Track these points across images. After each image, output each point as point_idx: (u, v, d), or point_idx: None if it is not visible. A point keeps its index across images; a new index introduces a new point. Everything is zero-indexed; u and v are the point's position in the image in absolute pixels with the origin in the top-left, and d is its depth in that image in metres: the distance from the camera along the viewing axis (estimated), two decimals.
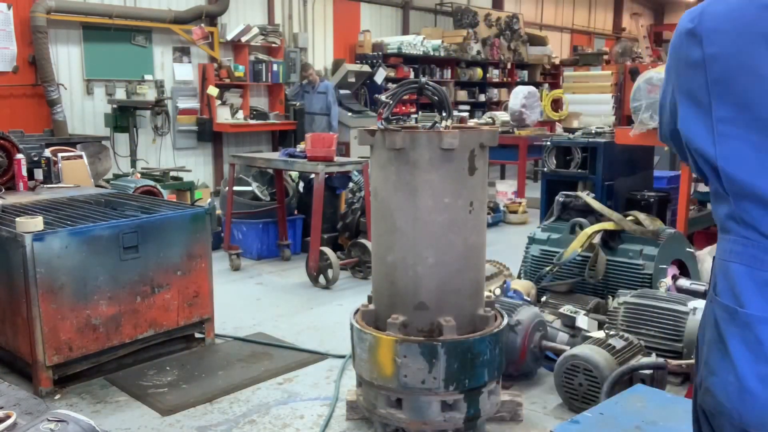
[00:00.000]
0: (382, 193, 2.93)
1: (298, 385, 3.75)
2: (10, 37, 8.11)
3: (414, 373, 2.80)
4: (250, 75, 10.74)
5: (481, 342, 2.85)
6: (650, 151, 5.73)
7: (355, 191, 6.52)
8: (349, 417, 3.33)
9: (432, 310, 2.86)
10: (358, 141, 3.01)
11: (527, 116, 8.48)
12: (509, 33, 15.98)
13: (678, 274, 4.37)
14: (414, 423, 2.89)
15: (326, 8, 12.44)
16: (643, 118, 4.61)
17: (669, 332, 3.67)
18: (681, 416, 2.20)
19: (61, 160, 4.97)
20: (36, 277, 3.39)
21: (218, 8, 10.20)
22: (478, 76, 14.94)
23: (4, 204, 3.99)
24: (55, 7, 8.26)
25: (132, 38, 9.36)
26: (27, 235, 3.37)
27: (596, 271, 4.29)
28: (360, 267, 5.90)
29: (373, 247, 3.07)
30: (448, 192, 2.81)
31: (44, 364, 3.48)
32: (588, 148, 5.18)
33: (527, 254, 4.72)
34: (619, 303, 3.88)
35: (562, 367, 3.37)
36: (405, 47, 12.96)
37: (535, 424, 3.28)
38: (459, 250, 2.86)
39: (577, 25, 21.03)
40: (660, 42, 22.02)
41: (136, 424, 3.26)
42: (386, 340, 2.84)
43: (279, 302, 5.25)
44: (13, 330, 3.63)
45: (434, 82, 3.55)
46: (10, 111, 8.10)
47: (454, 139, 2.74)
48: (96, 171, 7.09)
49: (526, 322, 3.60)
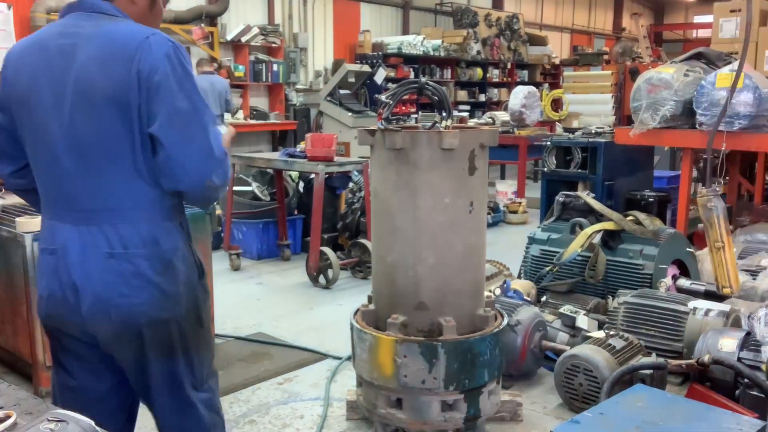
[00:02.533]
0: (382, 193, 2.93)
1: (298, 385, 3.75)
2: (10, 37, 8.11)
3: (414, 373, 2.80)
4: (250, 75, 10.75)
5: (481, 342, 2.85)
6: (650, 151, 5.73)
7: (355, 191, 6.52)
8: (349, 417, 3.33)
9: (432, 310, 2.86)
10: (358, 141, 3.00)
11: (527, 116, 8.48)
12: (509, 33, 15.99)
13: (678, 274, 4.37)
14: (414, 423, 2.89)
15: (326, 8, 12.45)
16: (643, 118, 4.61)
17: (669, 332, 3.67)
18: (681, 416, 2.20)
19: None
20: (36, 277, 3.38)
21: (218, 8, 10.21)
22: (478, 76, 14.95)
23: (4, 204, 3.98)
24: (55, 7, 8.26)
25: None
26: (27, 235, 3.37)
27: (596, 271, 4.29)
28: (360, 267, 5.90)
29: (373, 247, 3.07)
30: (448, 192, 2.81)
31: (44, 364, 3.48)
32: (588, 148, 5.18)
33: (527, 254, 4.72)
34: (619, 303, 3.88)
35: (562, 367, 3.37)
36: (405, 47, 12.97)
37: (535, 424, 3.28)
38: (459, 250, 2.86)
39: (577, 25, 21.03)
40: (660, 42, 22.03)
41: (135, 423, 3.26)
42: (386, 340, 2.84)
43: (279, 302, 5.25)
44: (13, 330, 3.64)
45: (434, 82, 3.54)
46: None
47: (454, 139, 2.74)
48: None
49: (526, 322, 3.60)
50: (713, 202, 3.89)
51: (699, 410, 2.27)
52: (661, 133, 4.71)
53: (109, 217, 1.82)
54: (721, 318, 3.60)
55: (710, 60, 5.04)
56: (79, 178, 1.81)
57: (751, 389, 2.98)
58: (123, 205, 1.82)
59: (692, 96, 4.53)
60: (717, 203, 3.90)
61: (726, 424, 2.14)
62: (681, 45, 22.03)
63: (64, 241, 1.84)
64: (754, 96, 4.24)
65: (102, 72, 1.74)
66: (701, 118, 4.47)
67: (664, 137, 4.87)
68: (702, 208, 3.92)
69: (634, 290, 4.00)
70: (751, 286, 4.21)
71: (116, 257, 1.81)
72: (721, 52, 5.22)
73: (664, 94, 4.53)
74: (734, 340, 3.25)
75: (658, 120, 4.57)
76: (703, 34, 22.34)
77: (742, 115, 4.28)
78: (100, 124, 1.77)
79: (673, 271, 4.32)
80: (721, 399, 3.00)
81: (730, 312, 3.64)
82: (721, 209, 3.90)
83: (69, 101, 1.77)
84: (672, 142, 5.29)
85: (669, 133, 4.75)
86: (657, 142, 5.10)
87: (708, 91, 4.40)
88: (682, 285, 4.22)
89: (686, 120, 4.70)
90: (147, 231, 1.84)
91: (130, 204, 1.82)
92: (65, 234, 1.84)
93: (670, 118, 4.59)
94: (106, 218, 1.82)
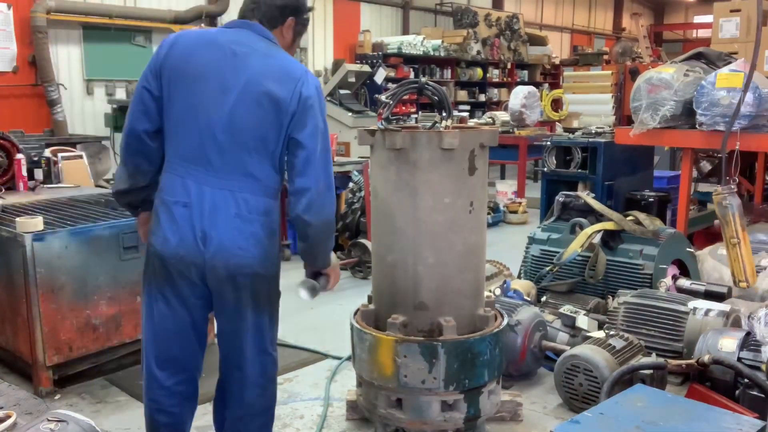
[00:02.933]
0: (382, 193, 2.93)
1: (298, 385, 3.75)
2: (10, 37, 8.11)
3: (414, 373, 2.80)
4: None
5: (481, 342, 2.85)
6: (650, 151, 5.73)
7: (355, 191, 6.52)
8: (349, 417, 3.33)
9: (432, 310, 2.86)
10: (358, 141, 3.01)
11: (527, 116, 8.48)
12: (509, 33, 15.98)
13: (678, 274, 4.37)
14: (414, 423, 2.89)
15: (326, 8, 12.44)
16: (643, 118, 4.61)
17: (669, 332, 3.67)
18: (681, 416, 2.20)
19: (61, 160, 4.97)
20: (36, 277, 3.39)
21: (218, 8, 10.20)
22: (478, 76, 14.94)
23: (4, 204, 3.98)
24: (55, 7, 8.26)
25: (132, 38, 9.37)
26: (27, 235, 3.37)
27: (596, 271, 4.29)
28: (360, 267, 5.90)
29: (373, 247, 3.07)
30: (448, 192, 2.81)
31: (44, 364, 3.48)
32: (588, 148, 5.18)
33: (527, 254, 4.72)
34: (619, 303, 3.88)
35: (562, 367, 3.38)
36: (405, 47, 12.95)
37: (535, 424, 3.28)
38: (459, 250, 2.86)
39: (577, 25, 21.03)
40: (660, 42, 22.02)
41: (136, 424, 3.26)
42: (386, 340, 2.84)
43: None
44: (13, 330, 3.64)
45: (434, 82, 3.55)
46: (10, 111, 8.10)
47: (454, 139, 2.74)
48: (96, 171, 7.10)
49: (526, 322, 3.60)
50: (728, 200, 3.93)
51: (699, 410, 2.27)
52: (661, 133, 4.71)
53: (240, 186, 2.32)
54: (721, 318, 3.60)
55: (710, 60, 5.04)
56: (226, 153, 2.31)
57: (751, 389, 2.98)
58: (253, 180, 2.33)
59: (692, 96, 4.53)
60: (732, 200, 3.94)
61: (726, 424, 2.15)
62: (681, 45, 22.03)
63: (197, 198, 2.31)
64: (754, 96, 4.24)
65: (273, 83, 2.31)
66: (701, 118, 4.47)
67: (664, 137, 4.87)
68: (717, 206, 3.99)
69: (634, 290, 4.00)
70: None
71: (241, 218, 2.32)
72: (721, 52, 5.22)
73: (664, 94, 4.53)
74: (734, 340, 3.25)
75: (658, 120, 4.57)
76: (703, 34, 22.34)
77: (742, 115, 4.28)
78: (260, 118, 2.31)
79: (673, 271, 4.33)
80: (721, 399, 3.00)
81: (730, 312, 3.64)
82: (736, 206, 3.96)
83: (236, 93, 2.30)
84: (672, 142, 5.29)
85: (669, 133, 4.75)
86: (657, 142, 5.10)
87: (708, 91, 4.40)
88: (682, 285, 4.22)
89: (686, 120, 4.70)
90: (264, 204, 2.36)
91: (258, 181, 2.34)
92: (200, 192, 2.32)
93: (670, 118, 4.59)
94: (237, 187, 2.32)
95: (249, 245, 2.33)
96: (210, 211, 2.30)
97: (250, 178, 2.33)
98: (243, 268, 2.33)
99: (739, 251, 3.96)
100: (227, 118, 2.31)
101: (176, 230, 2.33)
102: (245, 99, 2.31)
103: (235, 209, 2.31)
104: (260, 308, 2.43)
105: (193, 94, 2.34)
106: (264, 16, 2.46)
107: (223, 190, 2.31)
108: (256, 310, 2.42)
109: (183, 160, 2.35)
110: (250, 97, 2.30)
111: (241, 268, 2.33)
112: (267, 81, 2.31)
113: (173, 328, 2.45)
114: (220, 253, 2.31)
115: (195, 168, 2.33)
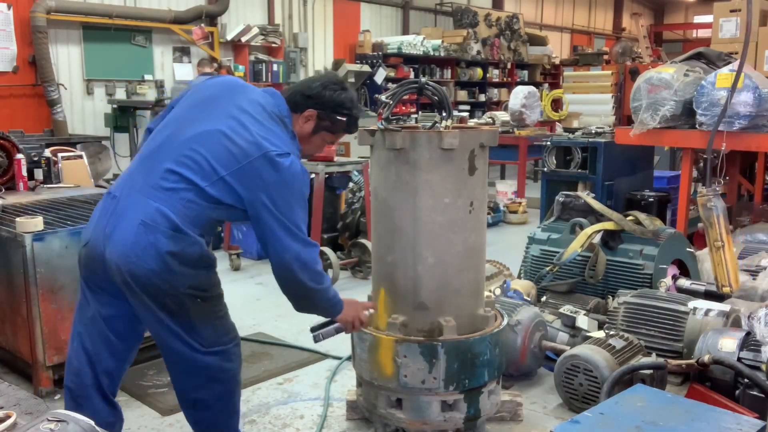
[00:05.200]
0: (382, 193, 2.93)
1: (298, 385, 3.75)
2: (10, 37, 8.12)
3: (414, 373, 2.80)
4: (250, 75, 10.74)
5: (481, 342, 2.85)
6: (650, 151, 5.73)
7: (355, 191, 6.52)
8: (349, 417, 3.33)
9: (432, 310, 2.86)
10: (358, 141, 3.01)
11: (527, 116, 8.48)
12: (509, 33, 15.99)
13: (678, 274, 4.37)
14: (414, 423, 2.89)
15: (326, 8, 12.44)
16: (643, 118, 4.61)
17: (669, 332, 3.67)
18: (681, 416, 2.20)
19: (61, 160, 4.96)
20: (36, 277, 3.39)
21: (218, 8, 10.20)
22: (478, 76, 14.94)
23: (4, 204, 3.98)
24: (55, 7, 8.27)
25: (132, 38, 9.37)
26: (27, 235, 3.37)
27: (596, 271, 4.29)
28: (360, 267, 5.90)
29: (373, 247, 3.07)
30: (448, 192, 2.81)
31: (44, 364, 3.48)
32: (588, 148, 5.18)
33: (527, 254, 4.72)
34: (619, 303, 3.88)
35: (562, 367, 3.37)
36: (405, 47, 12.95)
37: (535, 424, 3.28)
38: (459, 250, 2.86)
39: (577, 25, 21.03)
40: (660, 42, 22.02)
41: (136, 424, 3.26)
42: (386, 340, 2.84)
43: (279, 302, 5.20)
44: (13, 330, 3.64)
45: (434, 82, 3.55)
46: (10, 111, 8.11)
47: (454, 139, 2.74)
48: (96, 171, 7.09)
49: (526, 322, 3.60)
50: (713, 202, 3.90)
51: (699, 410, 2.27)
52: (661, 133, 4.71)
53: (164, 199, 2.30)
54: (721, 318, 3.60)
55: (710, 60, 5.05)
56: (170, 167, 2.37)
57: (751, 389, 2.98)
58: (174, 195, 2.32)
59: (692, 96, 4.53)
60: (717, 203, 3.91)
61: (726, 424, 2.15)
62: (681, 45, 22.04)
63: (124, 197, 2.36)
64: (754, 96, 4.24)
65: (235, 135, 2.38)
66: (701, 118, 4.47)
67: (664, 137, 4.87)
68: (702, 208, 3.93)
69: (634, 290, 4.00)
70: (751, 286, 4.20)
71: (146, 227, 2.28)
72: (721, 52, 5.22)
73: (664, 94, 4.53)
74: (734, 340, 3.25)
75: (658, 120, 4.57)
76: (703, 34, 22.34)
77: (742, 115, 4.28)
78: (213, 152, 2.35)
79: (673, 271, 4.33)
80: (721, 399, 3.00)
81: (730, 312, 3.64)
82: (721, 209, 3.91)
83: (209, 124, 2.39)
84: (672, 142, 5.29)
85: (669, 133, 4.75)
86: (657, 142, 5.10)
87: (708, 91, 4.40)
88: (682, 285, 4.22)
89: (686, 120, 4.70)
90: (181, 223, 2.31)
91: (187, 201, 2.33)
92: (128, 194, 2.36)
93: (670, 118, 4.59)
94: (162, 199, 2.30)
95: (146, 256, 2.27)
96: (121, 212, 2.33)
97: (175, 192, 2.34)
98: (139, 278, 2.29)
99: (723, 255, 3.90)
100: (181, 145, 2.38)
101: (94, 220, 2.43)
102: (211, 132, 2.38)
103: (143, 217, 2.29)
104: (173, 315, 2.38)
105: (181, 109, 2.51)
106: (290, 97, 2.56)
107: (147, 198, 2.32)
108: (170, 315, 2.37)
109: (138, 160, 2.48)
110: (214, 140, 2.37)
111: (136, 278, 2.29)
112: (234, 130, 2.39)
113: (83, 320, 2.49)
114: (116, 254, 2.29)
115: (138, 171, 2.42)
